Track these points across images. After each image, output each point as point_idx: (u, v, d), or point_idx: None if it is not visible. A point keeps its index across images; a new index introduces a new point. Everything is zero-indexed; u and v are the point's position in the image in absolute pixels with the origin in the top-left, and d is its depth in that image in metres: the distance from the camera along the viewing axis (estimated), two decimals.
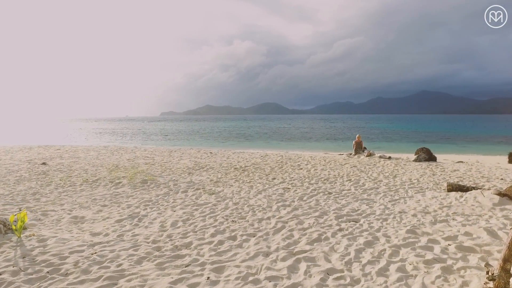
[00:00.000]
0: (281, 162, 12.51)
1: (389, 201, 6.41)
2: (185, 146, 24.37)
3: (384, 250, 4.00)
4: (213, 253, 4.09)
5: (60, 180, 9.19)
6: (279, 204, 6.32)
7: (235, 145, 27.06)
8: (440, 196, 6.68)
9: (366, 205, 6.15)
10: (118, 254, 4.05)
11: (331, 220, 5.26)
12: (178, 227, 5.15)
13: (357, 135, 14.89)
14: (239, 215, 5.64)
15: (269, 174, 9.83)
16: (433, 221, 5.10)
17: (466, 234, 4.45)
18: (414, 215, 5.44)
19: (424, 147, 12.75)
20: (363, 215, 5.51)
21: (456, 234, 4.47)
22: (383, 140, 31.88)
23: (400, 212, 5.62)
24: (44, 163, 12.54)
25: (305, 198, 6.78)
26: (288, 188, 7.77)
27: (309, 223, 5.08)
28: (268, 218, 5.44)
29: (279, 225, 5.05)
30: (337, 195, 7.04)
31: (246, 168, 11.22)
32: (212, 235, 4.71)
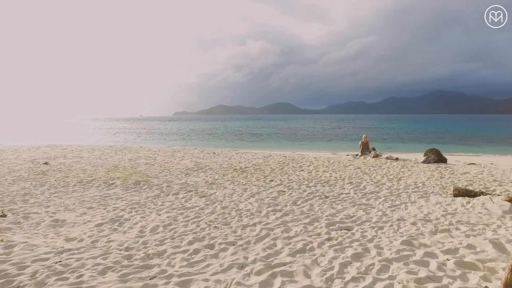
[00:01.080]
0: (283, 163, 12.11)
1: (388, 207, 5.95)
2: (190, 146, 24.23)
3: (373, 264, 3.58)
4: (184, 263, 3.76)
5: (55, 180, 9.05)
6: (270, 209, 5.95)
7: (244, 145, 26.83)
8: (445, 201, 6.17)
9: (363, 211, 5.71)
10: (84, 263, 3.77)
11: (321, 227, 4.86)
12: (157, 233, 4.85)
13: (364, 136, 14.33)
14: (224, 221, 5.30)
15: (267, 176, 9.46)
16: (433, 230, 4.63)
17: (469, 246, 3.97)
18: (414, 223, 4.98)
19: (434, 148, 12.12)
20: (357, 222, 5.08)
21: (457, 246, 4.00)
22: (396, 141, 30.99)
23: (398, 220, 5.16)
24: (46, 163, 12.51)
25: (299, 203, 6.38)
26: (284, 191, 7.39)
27: (296, 231, 4.69)
28: (254, 224, 5.08)
29: (264, 232, 4.68)
30: (334, 199, 6.61)
31: (246, 169, 10.87)
32: (190, 243, 4.39)
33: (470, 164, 11.58)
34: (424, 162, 11.65)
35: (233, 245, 4.28)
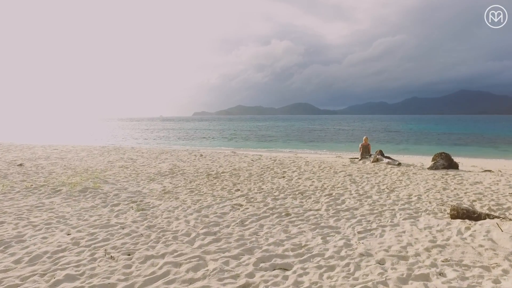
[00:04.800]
0: (267, 167, 10.75)
1: (358, 232, 4.51)
2: (185, 146, 23.21)
3: None
4: None
5: (2, 186, 8.11)
6: (204, 230, 4.65)
7: (249, 145, 25.77)
8: (438, 226, 4.66)
9: (322, 238, 4.31)
10: None
11: (247, 264, 3.52)
12: (33, 264, 3.66)
13: (364, 137, 12.75)
14: (132, 247, 4.05)
15: (238, 184, 8.15)
16: (404, 276, 3.19)
17: None
18: (381, 262, 3.55)
19: (443, 152, 10.40)
20: (303, 257, 3.70)
21: None
22: (412, 143, 28.83)
23: (362, 255, 3.73)
24: (21, 164, 11.73)
25: (247, 222, 5.05)
26: (240, 205, 6.06)
27: (208, 270, 3.38)
28: (163, 255, 3.80)
29: (164, 269, 3.40)
30: (295, 218, 5.22)
31: (222, 174, 9.61)
32: (55, 284, 3.17)
33: (485, 171, 9.79)
34: (430, 168, 9.98)
35: None
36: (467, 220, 4.67)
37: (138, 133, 45.72)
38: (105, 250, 3.97)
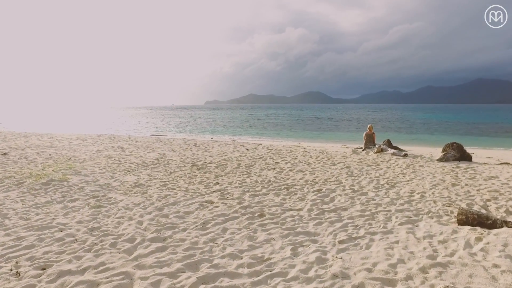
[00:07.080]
0: (260, 157, 9.89)
1: (339, 242, 3.63)
2: (184, 135, 22.51)
3: None
4: None
5: None
6: (153, 235, 3.86)
7: (252, 134, 25.14)
8: (441, 234, 3.73)
9: (292, 250, 3.45)
10: None
11: (183, 286, 2.70)
12: None
13: (369, 125, 11.71)
14: (53, 259, 3.29)
15: (221, 176, 7.33)
16: None
17: None
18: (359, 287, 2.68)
19: (455, 142, 9.30)
20: (259, 277, 2.86)
21: None
22: (424, 132, 27.42)
23: (335, 276, 2.87)
24: (5, 154, 11.22)
25: (210, 225, 4.23)
26: (210, 203, 5.24)
27: None
28: (83, 270, 3.02)
29: None
30: (268, 221, 4.37)
31: (208, 165, 8.81)
32: None
33: (502, 164, 8.67)
34: (440, 159, 8.93)
35: None
36: (478, 228, 3.73)
37: (147, 121, 45.28)
38: (16, 262, 3.22)
